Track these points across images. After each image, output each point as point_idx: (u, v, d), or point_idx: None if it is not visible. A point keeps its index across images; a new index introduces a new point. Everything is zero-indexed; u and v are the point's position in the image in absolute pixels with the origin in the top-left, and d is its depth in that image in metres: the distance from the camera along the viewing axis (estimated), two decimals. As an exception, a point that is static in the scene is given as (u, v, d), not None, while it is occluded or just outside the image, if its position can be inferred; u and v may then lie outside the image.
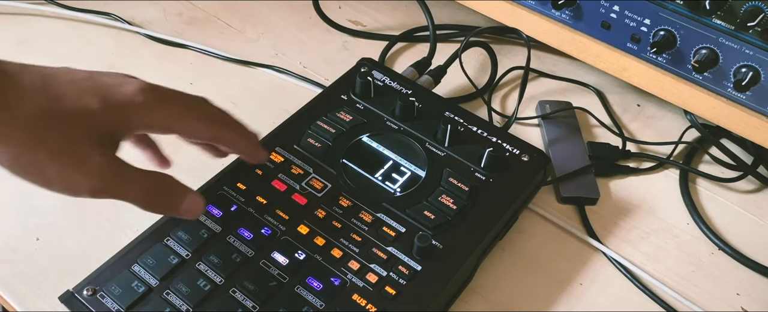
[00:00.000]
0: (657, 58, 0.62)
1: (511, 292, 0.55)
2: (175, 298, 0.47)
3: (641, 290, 0.56)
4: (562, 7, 0.63)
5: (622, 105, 0.72)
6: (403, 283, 0.48)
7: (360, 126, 0.58)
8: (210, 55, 0.73)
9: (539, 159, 0.57)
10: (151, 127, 0.43)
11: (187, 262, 0.49)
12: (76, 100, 0.39)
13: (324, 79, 0.72)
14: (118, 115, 0.40)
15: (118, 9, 0.76)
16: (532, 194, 0.58)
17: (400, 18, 0.80)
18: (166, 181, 0.43)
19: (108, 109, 0.40)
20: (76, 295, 0.47)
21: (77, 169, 0.39)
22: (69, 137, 0.38)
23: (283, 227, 0.51)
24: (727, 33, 0.56)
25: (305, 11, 0.79)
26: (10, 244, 0.55)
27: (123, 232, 0.55)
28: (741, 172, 0.64)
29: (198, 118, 0.44)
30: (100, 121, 0.40)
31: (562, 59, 0.76)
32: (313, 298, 0.48)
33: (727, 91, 0.59)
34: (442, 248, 0.51)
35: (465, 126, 0.59)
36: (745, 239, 0.60)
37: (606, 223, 0.61)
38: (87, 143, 0.39)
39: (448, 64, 0.69)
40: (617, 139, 0.67)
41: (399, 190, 0.54)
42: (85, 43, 0.73)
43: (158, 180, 0.42)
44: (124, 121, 0.41)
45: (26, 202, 0.58)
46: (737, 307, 0.56)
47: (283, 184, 0.54)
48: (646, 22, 0.60)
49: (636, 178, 0.65)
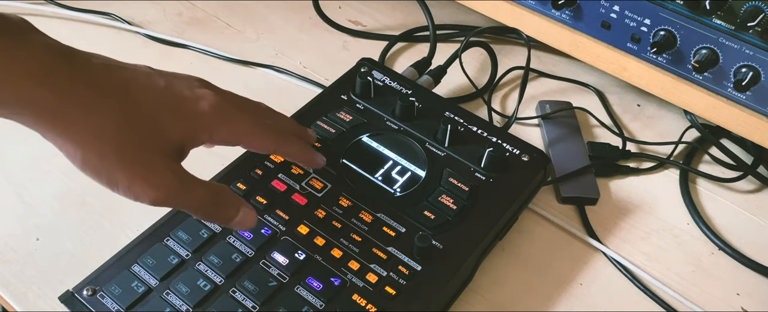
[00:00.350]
0: (657, 58, 0.62)
1: (511, 292, 0.55)
2: (175, 298, 0.47)
3: (641, 290, 0.56)
4: (562, 7, 0.63)
5: (622, 105, 0.72)
6: (403, 283, 0.48)
7: (360, 126, 0.58)
8: (210, 55, 0.73)
9: (539, 159, 0.57)
10: (218, 142, 0.45)
11: (187, 262, 0.49)
12: (154, 112, 0.41)
13: (324, 79, 0.72)
14: (190, 129, 0.42)
15: (118, 9, 0.76)
16: (532, 194, 0.58)
17: (400, 18, 0.80)
18: (223, 193, 0.44)
19: (182, 124, 0.42)
20: (76, 295, 0.47)
21: (146, 180, 0.40)
22: (143, 148, 0.40)
23: (283, 227, 0.51)
24: (727, 33, 0.56)
25: (305, 11, 0.79)
26: (10, 244, 0.55)
27: (123, 232, 0.55)
28: (741, 172, 0.64)
29: (262, 136, 0.46)
30: (173, 135, 0.41)
31: (562, 59, 0.76)
32: (313, 298, 0.48)
33: (727, 91, 0.59)
34: (442, 248, 0.51)
35: (465, 126, 0.59)
36: (745, 239, 0.60)
37: (606, 223, 0.61)
38: (158, 156, 0.40)
39: (448, 64, 0.69)
40: (617, 139, 0.67)
41: (399, 190, 0.54)
42: (85, 43, 0.72)
43: (216, 192, 0.44)
44: (195, 135, 0.43)
45: (26, 202, 0.58)
46: (737, 307, 0.56)
47: (283, 184, 0.54)
48: (646, 22, 0.60)
49: (636, 178, 0.65)
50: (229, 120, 0.44)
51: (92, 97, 0.38)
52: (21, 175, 0.60)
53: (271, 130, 0.47)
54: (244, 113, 0.46)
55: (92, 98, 0.38)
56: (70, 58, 0.39)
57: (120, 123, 0.39)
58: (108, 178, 0.39)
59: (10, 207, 0.57)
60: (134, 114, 0.40)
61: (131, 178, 0.39)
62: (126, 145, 0.39)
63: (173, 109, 0.42)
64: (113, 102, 0.39)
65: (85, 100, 0.38)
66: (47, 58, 0.37)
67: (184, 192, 0.41)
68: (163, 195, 0.40)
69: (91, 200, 0.58)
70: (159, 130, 0.41)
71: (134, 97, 0.40)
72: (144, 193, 0.40)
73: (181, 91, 0.43)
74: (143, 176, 0.39)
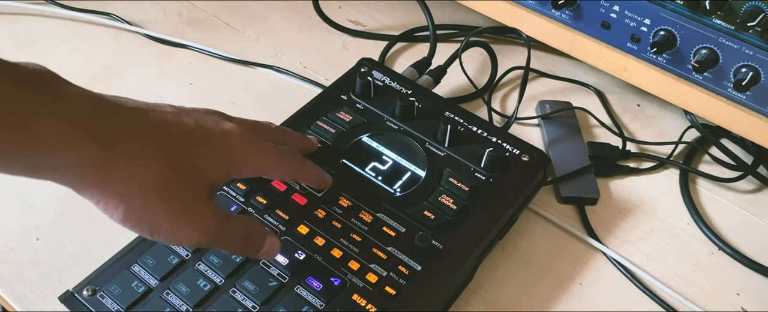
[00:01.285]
0: (657, 58, 0.62)
1: (511, 292, 0.55)
2: (174, 298, 0.47)
3: (641, 290, 0.56)
4: (562, 7, 0.63)
5: (622, 105, 0.72)
6: (403, 283, 0.48)
7: (360, 126, 0.58)
8: (210, 55, 0.73)
9: (539, 159, 0.57)
10: (245, 176, 0.46)
11: (187, 262, 0.49)
12: (192, 154, 0.41)
13: (324, 79, 0.72)
14: (226, 167, 0.43)
15: (118, 9, 0.76)
16: (532, 194, 0.58)
17: (400, 18, 0.80)
18: (251, 226, 0.45)
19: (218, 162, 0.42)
20: (76, 295, 0.47)
21: (189, 225, 0.40)
22: (184, 193, 0.40)
23: (283, 227, 0.51)
24: (727, 33, 0.56)
25: (305, 11, 0.79)
26: (10, 244, 0.55)
27: (123, 232, 0.54)
28: (741, 172, 0.64)
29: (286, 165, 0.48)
30: (210, 176, 0.42)
31: (562, 59, 0.76)
32: (313, 298, 0.47)
33: (727, 91, 0.59)
34: (442, 248, 0.50)
35: (465, 126, 0.59)
36: (745, 239, 0.60)
37: (606, 223, 0.61)
38: (198, 198, 0.41)
39: (448, 64, 0.69)
40: (617, 139, 0.67)
41: (399, 190, 0.54)
42: (85, 43, 0.73)
43: (245, 225, 0.44)
44: (229, 173, 0.43)
45: (26, 202, 0.58)
46: (737, 307, 0.56)
47: (283, 184, 0.54)
48: (646, 22, 0.60)
49: (636, 178, 0.65)
50: (257, 152, 0.45)
51: (135, 148, 0.38)
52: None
53: (291, 158, 0.48)
54: (266, 143, 0.46)
55: (135, 149, 0.38)
56: (108, 108, 0.38)
57: (161, 170, 0.39)
58: (150, 227, 0.39)
59: (10, 207, 0.57)
60: (173, 159, 0.40)
61: (175, 225, 0.39)
62: (169, 193, 0.39)
63: (208, 149, 0.42)
64: (153, 150, 0.39)
65: (130, 152, 0.38)
66: (93, 114, 0.36)
67: (222, 231, 0.42)
68: (205, 237, 0.41)
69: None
70: (197, 172, 0.41)
71: (171, 141, 0.40)
72: (188, 238, 0.40)
73: (210, 128, 0.43)
74: (187, 222, 0.40)
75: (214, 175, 0.42)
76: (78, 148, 0.35)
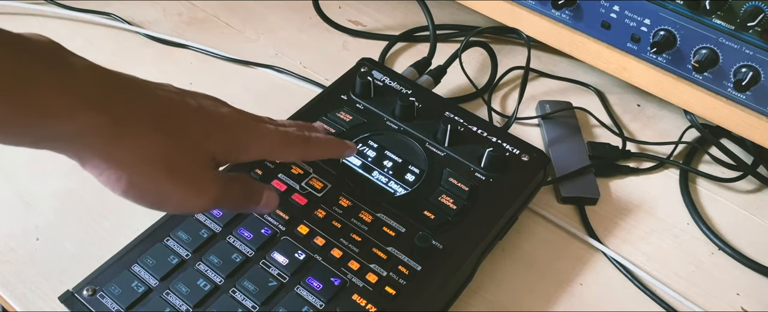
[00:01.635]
0: (657, 58, 0.62)
1: (511, 292, 0.55)
2: (174, 298, 0.47)
3: (641, 290, 0.56)
4: (562, 7, 0.63)
5: (622, 105, 0.72)
6: (403, 283, 0.48)
7: (360, 126, 0.58)
8: (210, 55, 0.73)
9: (539, 159, 0.57)
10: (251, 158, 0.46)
11: (187, 262, 0.49)
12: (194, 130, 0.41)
13: (324, 79, 0.72)
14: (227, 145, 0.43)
15: (118, 9, 0.76)
16: (532, 194, 0.58)
17: (400, 18, 0.80)
18: (250, 183, 0.46)
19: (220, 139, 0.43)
20: (76, 295, 0.47)
21: (199, 195, 0.41)
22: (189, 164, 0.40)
23: (283, 227, 0.51)
24: (727, 33, 0.56)
25: (305, 11, 0.79)
26: (10, 244, 0.55)
27: (123, 232, 0.55)
28: (741, 172, 0.64)
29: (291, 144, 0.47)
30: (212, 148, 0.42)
31: (562, 59, 0.76)
32: (313, 298, 0.47)
33: (727, 91, 0.59)
34: (442, 248, 0.50)
35: (465, 126, 0.59)
36: (745, 239, 0.60)
37: (606, 223, 0.61)
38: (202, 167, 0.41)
39: (448, 64, 0.69)
40: (617, 139, 0.67)
41: (399, 190, 0.54)
42: (85, 43, 0.73)
43: (245, 184, 0.46)
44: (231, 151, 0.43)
45: (26, 202, 0.58)
46: (737, 307, 0.56)
47: (283, 184, 0.54)
48: (646, 22, 0.60)
49: (636, 178, 0.65)
50: (260, 135, 0.45)
51: (140, 121, 0.38)
52: (21, 175, 0.60)
53: (297, 138, 0.48)
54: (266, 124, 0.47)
55: (141, 121, 0.38)
56: (114, 81, 0.39)
57: (166, 143, 0.39)
58: (157, 198, 0.40)
59: (10, 207, 0.57)
60: (177, 133, 0.40)
61: (183, 195, 0.40)
62: (175, 164, 0.39)
63: (211, 127, 0.42)
64: (158, 124, 0.39)
65: (136, 124, 0.38)
66: (98, 84, 0.37)
67: (226, 192, 0.43)
68: (211, 203, 0.42)
69: (91, 200, 0.58)
70: (200, 145, 0.41)
71: (175, 117, 0.40)
72: (194, 205, 0.41)
73: (211, 110, 0.43)
74: (195, 192, 0.41)
75: (218, 149, 0.42)
76: (83, 117, 0.35)
